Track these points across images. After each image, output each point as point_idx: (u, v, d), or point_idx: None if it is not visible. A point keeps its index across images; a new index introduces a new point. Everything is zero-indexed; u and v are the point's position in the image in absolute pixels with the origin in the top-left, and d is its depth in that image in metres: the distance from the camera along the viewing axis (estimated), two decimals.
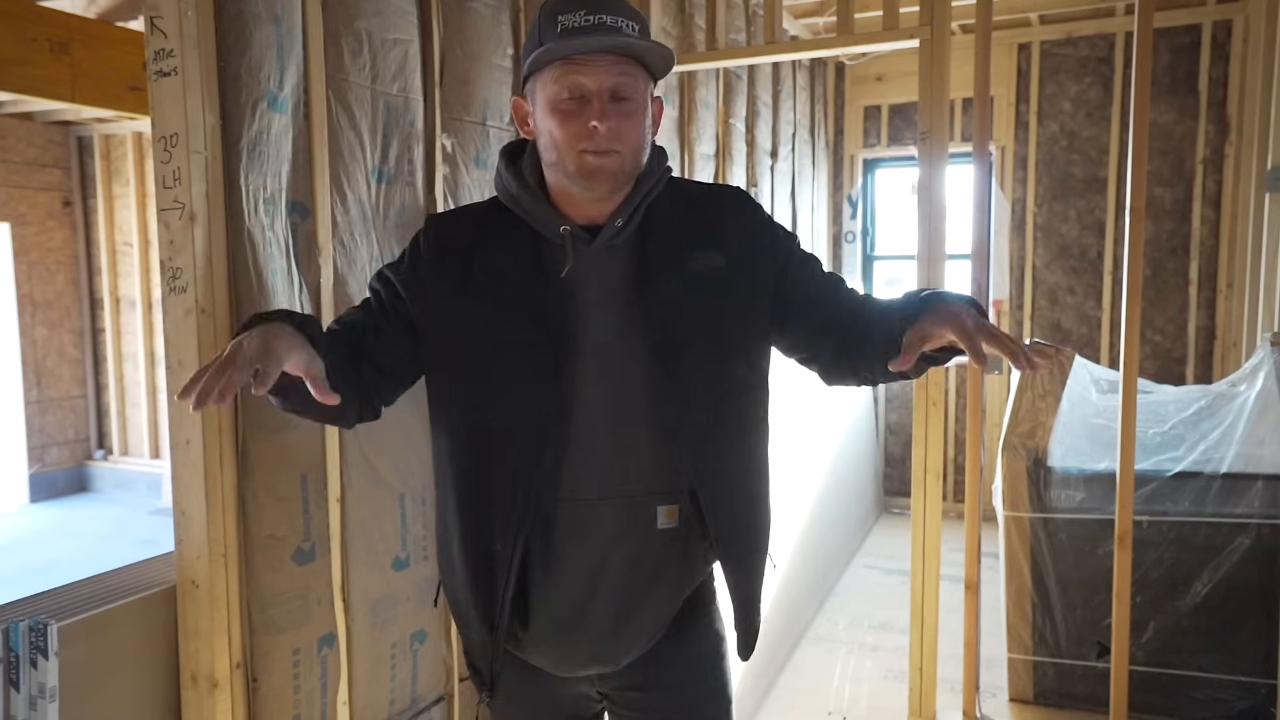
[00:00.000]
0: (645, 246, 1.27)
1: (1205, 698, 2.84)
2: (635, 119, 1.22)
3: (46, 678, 1.35)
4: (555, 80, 1.20)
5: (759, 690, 3.03)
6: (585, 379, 1.24)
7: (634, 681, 1.35)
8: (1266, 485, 2.78)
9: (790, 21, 4.56)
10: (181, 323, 1.52)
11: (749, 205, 1.36)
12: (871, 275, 5.52)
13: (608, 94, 1.20)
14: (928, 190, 2.63)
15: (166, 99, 1.49)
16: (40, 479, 6.24)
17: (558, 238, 1.25)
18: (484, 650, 1.32)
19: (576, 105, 1.20)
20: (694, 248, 1.28)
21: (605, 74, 1.19)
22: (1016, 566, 2.99)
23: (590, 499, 1.25)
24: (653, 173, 1.28)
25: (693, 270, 1.26)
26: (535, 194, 1.27)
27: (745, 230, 1.32)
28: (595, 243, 1.25)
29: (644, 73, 1.24)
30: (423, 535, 2.06)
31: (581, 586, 1.28)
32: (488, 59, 2.22)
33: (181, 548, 1.57)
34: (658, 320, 1.24)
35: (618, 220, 1.25)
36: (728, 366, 1.28)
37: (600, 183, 1.21)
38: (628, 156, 1.22)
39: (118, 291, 6.37)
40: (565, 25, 1.19)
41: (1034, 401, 3.00)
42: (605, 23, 1.18)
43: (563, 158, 1.21)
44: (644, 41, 1.20)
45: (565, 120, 1.20)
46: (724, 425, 1.29)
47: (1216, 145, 4.66)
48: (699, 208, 1.33)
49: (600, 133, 1.18)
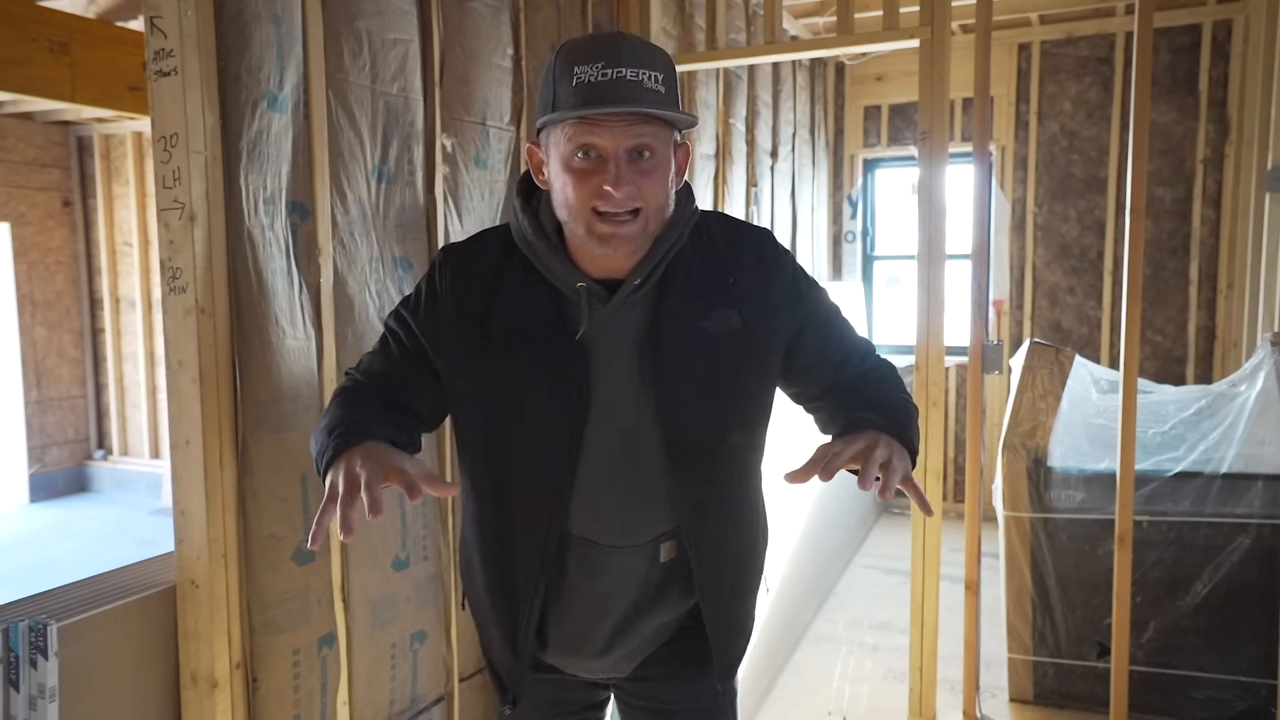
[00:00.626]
0: (662, 302, 1.22)
1: (1205, 698, 2.84)
2: (656, 176, 1.15)
3: (46, 678, 1.35)
4: (569, 138, 1.13)
5: (759, 690, 3.03)
6: (597, 431, 1.22)
7: (643, 673, 1.38)
8: (1266, 485, 2.78)
9: (790, 21, 4.56)
10: (181, 323, 1.52)
11: (774, 257, 1.30)
12: (871, 275, 5.52)
13: (625, 154, 1.13)
14: (928, 190, 2.63)
15: (166, 99, 1.49)
16: (40, 479, 6.24)
17: (573, 294, 1.21)
18: (508, 669, 1.36)
19: (591, 165, 1.13)
20: (711, 307, 1.23)
21: (622, 135, 1.12)
22: (1016, 566, 2.99)
23: (601, 543, 1.27)
24: (676, 224, 1.22)
25: (707, 330, 1.22)
26: (552, 245, 1.22)
27: (767, 285, 1.27)
28: (612, 301, 1.20)
29: (667, 127, 1.16)
30: (423, 535, 2.06)
31: (589, 613, 1.31)
32: (488, 59, 2.22)
33: (181, 548, 1.57)
34: (664, 380, 1.22)
35: (635, 279, 1.19)
36: (727, 433, 1.27)
37: (617, 248, 1.16)
38: (649, 217, 1.16)
39: (118, 291, 6.37)
40: (581, 79, 1.11)
41: (1034, 401, 2.99)
42: (625, 78, 1.10)
43: (575, 218, 1.16)
44: (666, 111, 1.14)
45: (579, 180, 1.13)
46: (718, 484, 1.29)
47: (1216, 145, 4.66)
48: (723, 258, 1.27)
49: (615, 198, 1.12)
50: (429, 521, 2.08)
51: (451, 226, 2.11)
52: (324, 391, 1.77)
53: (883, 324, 5.56)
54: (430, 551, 2.08)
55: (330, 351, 1.79)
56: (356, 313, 1.85)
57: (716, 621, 1.32)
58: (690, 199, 1.26)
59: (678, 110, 1.16)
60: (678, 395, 1.22)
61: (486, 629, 1.39)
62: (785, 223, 4.51)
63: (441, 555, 2.11)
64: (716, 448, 1.26)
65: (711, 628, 1.32)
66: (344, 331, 1.82)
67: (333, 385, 1.79)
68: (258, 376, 1.62)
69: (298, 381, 1.70)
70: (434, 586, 2.09)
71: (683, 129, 1.20)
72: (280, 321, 1.66)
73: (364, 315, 1.87)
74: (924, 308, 2.65)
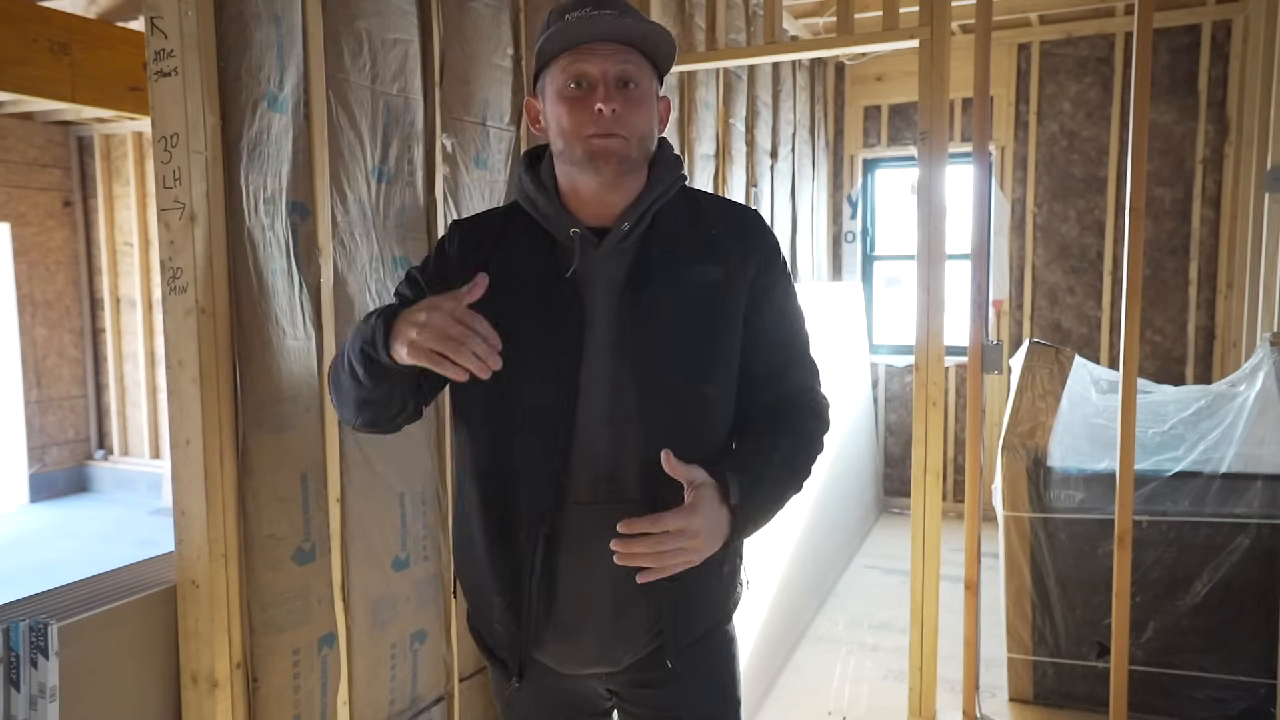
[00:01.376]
0: (646, 250, 1.29)
1: (1205, 698, 2.84)
2: (641, 106, 1.25)
3: (46, 678, 1.35)
4: (562, 70, 1.23)
5: (759, 690, 3.03)
6: (589, 378, 1.26)
7: (644, 679, 1.36)
8: (1266, 485, 2.78)
9: (790, 21, 4.56)
10: (181, 323, 1.53)
11: (758, 229, 1.36)
12: (871, 275, 5.52)
13: (613, 80, 1.23)
14: (928, 190, 2.63)
15: (166, 99, 1.49)
16: (40, 479, 6.24)
17: (567, 239, 1.27)
18: (513, 642, 1.33)
19: (583, 93, 1.23)
20: (692, 259, 1.29)
21: (610, 60, 1.22)
22: (1016, 566, 2.99)
23: (587, 502, 1.27)
24: (663, 178, 1.30)
25: (686, 280, 1.28)
26: (549, 196, 1.30)
27: (745, 249, 1.32)
28: (602, 245, 1.27)
29: (649, 66, 1.27)
30: (423, 535, 2.06)
31: (581, 585, 1.29)
32: (488, 59, 2.22)
33: (181, 548, 1.57)
34: (641, 326, 1.25)
35: (624, 224, 1.27)
36: (703, 385, 1.28)
37: (606, 163, 1.23)
38: (634, 142, 1.24)
39: (118, 291, 6.37)
40: (570, 19, 1.22)
41: (1034, 401, 3.00)
42: (608, 15, 1.22)
43: (570, 144, 1.24)
44: (645, 24, 1.23)
45: (572, 107, 1.23)
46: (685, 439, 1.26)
47: (1216, 145, 4.66)
48: (708, 220, 1.34)
49: (606, 115, 1.21)
50: (429, 522, 2.08)
51: None
52: (324, 391, 1.77)
53: (883, 324, 5.56)
54: (430, 551, 2.08)
55: (330, 351, 1.79)
56: (356, 313, 1.85)
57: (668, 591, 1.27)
58: (679, 162, 1.34)
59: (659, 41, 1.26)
60: (652, 341, 1.25)
61: (486, 601, 1.35)
62: (785, 223, 4.51)
63: (441, 555, 2.11)
64: (687, 398, 1.27)
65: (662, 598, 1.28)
66: (344, 331, 1.82)
67: None
68: (258, 376, 1.62)
69: (298, 381, 1.71)
70: (434, 586, 2.09)
71: (665, 63, 1.29)
72: (280, 321, 1.66)
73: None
74: (924, 308, 2.65)
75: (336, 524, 1.81)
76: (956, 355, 4.50)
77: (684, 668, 1.35)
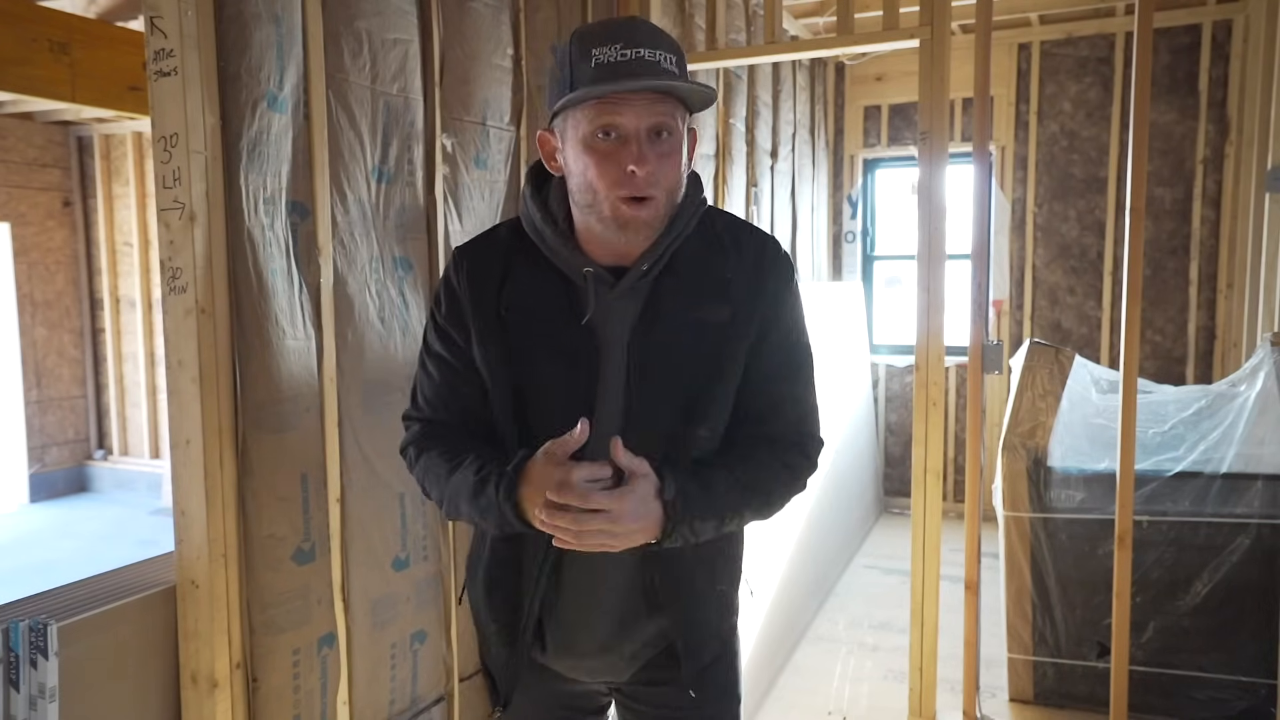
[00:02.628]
0: (658, 290, 1.24)
1: (1205, 698, 2.84)
2: (673, 159, 1.18)
3: (46, 678, 1.35)
4: (590, 119, 1.14)
5: (759, 690, 3.03)
6: (601, 416, 1.23)
7: (647, 678, 1.37)
8: (1266, 485, 2.78)
9: (790, 21, 4.56)
10: (181, 323, 1.52)
11: (774, 259, 1.30)
12: (871, 275, 5.52)
13: (646, 133, 1.15)
14: (928, 190, 2.63)
15: (166, 99, 1.49)
16: (40, 479, 6.24)
17: (580, 280, 1.23)
18: (503, 667, 1.35)
19: (614, 146, 1.15)
20: (705, 297, 1.24)
21: (643, 114, 1.14)
22: (1016, 566, 2.99)
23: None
24: (685, 212, 1.24)
25: (698, 321, 1.24)
26: (561, 232, 1.24)
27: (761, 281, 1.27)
28: (619, 286, 1.22)
29: (681, 107, 1.19)
30: (423, 535, 2.06)
31: (585, 609, 1.30)
32: (488, 59, 2.22)
33: (181, 548, 1.57)
34: (647, 368, 1.22)
35: (643, 265, 1.21)
36: (698, 428, 1.26)
37: (636, 232, 1.18)
38: (663, 200, 1.18)
39: (118, 291, 6.37)
40: (600, 60, 1.13)
41: (1034, 401, 3.00)
42: (644, 58, 1.12)
43: (598, 203, 1.17)
44: (687, 84, 1.15)
45: (602, 162, 1.15)
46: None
47: (1216, 145, 4.66)
48: (724, 252, 1.28)
49: (639, 178, 1.14)
50: (429, 522, 2.08)
51: (451, 226, 2.11)
52: (324, 391, 1.77)
53: (883, 324, 5.56)
54: (430, 551, 2.08)
55: (330, 351, 1.79)
56: (356, 313, 1.85)
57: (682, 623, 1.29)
58: (699, 188, 1.28)
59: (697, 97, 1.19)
60: (656, 383, 1.22)
61: (485, 627, 1.38)
62: (785, 223, 4.51)
63: (441, 555, 2.11)
64: (679, 437, 1.25)
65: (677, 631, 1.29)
66: (344, 331, 1.82)
67: (333, 385, 1.79)
68: (258, 376, 1.62)
69: (298, 381, 1.71)
70: (434, 586, 2.09)
71: (699, 108, 1.21)
72: (280, 321, 1.66)
73: (364, 315, 1.87)
74: (924, 308, 2.65)
75: (336, 524, 1.81)
76: (957, 355, 4.50)
77: (690, 668, 1.35)
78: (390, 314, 1.94)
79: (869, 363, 5.25)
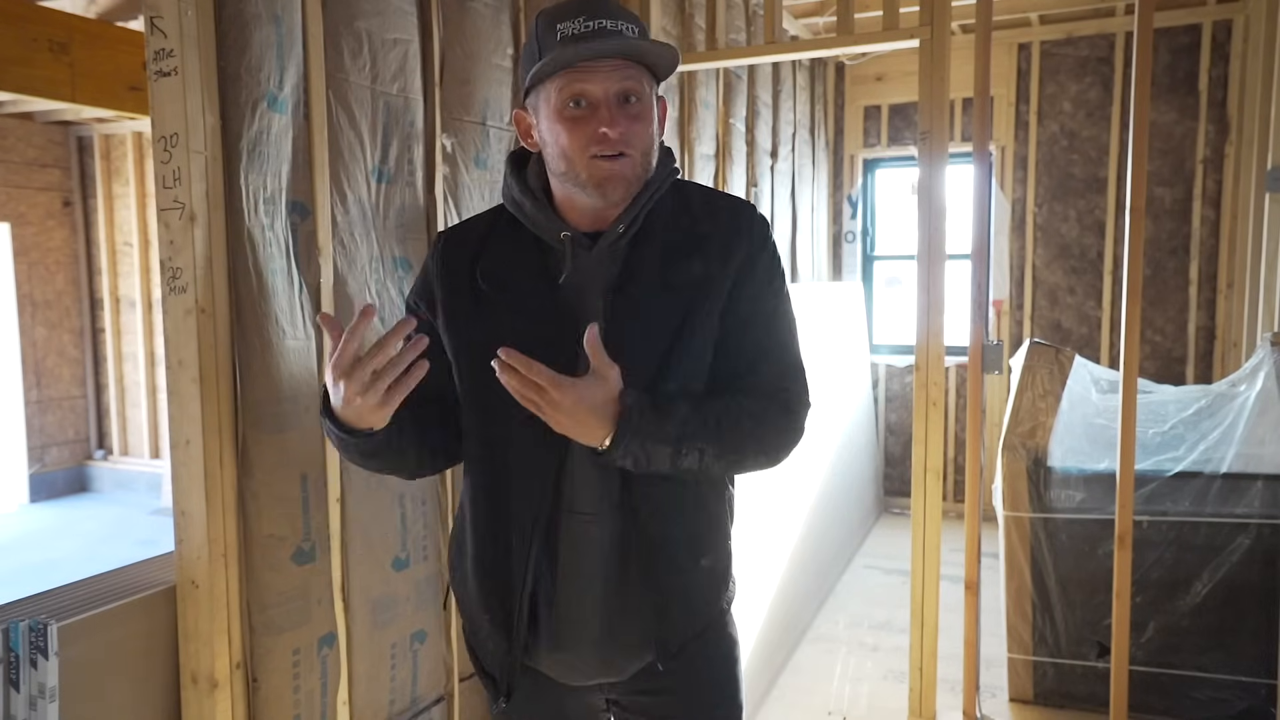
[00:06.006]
0: (634, 254, 1.26)
1: (1205, 698, 2.84)
2: (644, 121, 1.22)
3: (46, 678, 1.35)
4: (560, 89, 1.19)
5: (759, 690, 3.03)
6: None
7: (644, 686, 1.34)
8: (1266, 485, 2.78)
9: (790, 21, 4.56)
10: (181, 323, 1.52)
11: (746, 220, 1.31)
12: (871, 275, 5.52)
13: (615, 99, 1.19)
14: (928, 190, 2.63)
15: (166, 99, 1.49)
16: (40, 479, 6.24)
17: (558, 243, 1.26)
18: (501, 660, 1.33)
19: (584, 113, 1.19)
20: (678, 258, 1.26)
21: (610, 79, 1.19)
22: (1016, 566, 2.99)
23: (586, 512, 1.26)
24: (658, 177, 1.27)
25: (673, 280, 1.25)
26: (538, 200, 1.28)
27: (734, 240, 1.29)
28: (595, 248, 1.25)
29: (648, 75, 1.24)
30: (423, 535, 2.06)
31: (582, 596, 1.28)
32: (488, 59, 2.22)
33: (181, 548, 1.57)
34: (622, 331, 1.22)
35: (619, 226, 1.24)
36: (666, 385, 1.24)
37: (614, 189, 1.21)
38: (638, 159, 1.22)
39: (118, 291, 6.37)
40: (565, 33, 1.18)
41: (1034, 401, 3.00)
42: (606, 27, 1.18)
43: (574, 167, 1.20)
44: (648, 42, 1.20)
45: (574, 128, 1.19)
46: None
47: (1216, 145, 4.66)
48: (696, 216, 1.30)
49: (611, 138, 1.18)
50: (429, 522, 2.08)
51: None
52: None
53: (883, 324, 5.56)
54: (430, 551, 2.08)
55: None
56: (356, 313, 1.85)
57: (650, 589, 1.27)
58: (670, 156, 1.31)
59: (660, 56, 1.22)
60: (632, 344, 1.22)
61: (478, 623, 1.36)
62: (785, 223, 4.51)
63: (441, 555, 2.11)
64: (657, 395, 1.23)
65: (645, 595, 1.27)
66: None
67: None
68: (258, 376, 1.62)
69: (298, 381, 1.70)
70: (434, 586, 2.09)
71: (665, 74, 1.25)
72: (280, 321, 1.66)
73: None
74: (924, 308, 2.65)
75: (336, 524, 1.81)
76: (957, 355, 4.50)
77: (684, 673, 1.33)
78: (390, 314, 1.94)
79: (869, 363, 5.25)
